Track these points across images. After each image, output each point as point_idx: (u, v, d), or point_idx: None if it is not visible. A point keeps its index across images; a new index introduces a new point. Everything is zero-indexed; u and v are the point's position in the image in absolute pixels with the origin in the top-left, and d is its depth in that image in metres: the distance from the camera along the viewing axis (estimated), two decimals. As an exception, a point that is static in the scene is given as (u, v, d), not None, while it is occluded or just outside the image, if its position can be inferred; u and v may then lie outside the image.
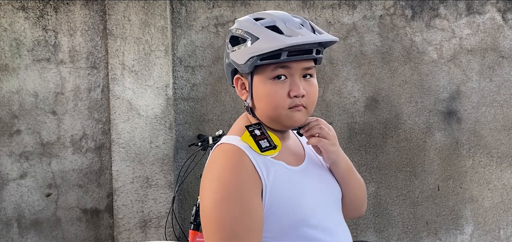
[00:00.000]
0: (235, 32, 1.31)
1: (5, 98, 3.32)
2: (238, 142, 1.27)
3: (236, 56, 1.29)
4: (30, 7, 3.32)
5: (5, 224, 3.34)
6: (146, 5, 3.24)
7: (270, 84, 1.26)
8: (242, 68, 1.28)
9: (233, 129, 1.36)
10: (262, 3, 3.37)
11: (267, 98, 1.26)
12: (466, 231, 3.41)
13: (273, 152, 1.28)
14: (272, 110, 1.27)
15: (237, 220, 1.19)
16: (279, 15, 1.30)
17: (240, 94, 1.34)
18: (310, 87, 1.29)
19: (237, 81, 1.34)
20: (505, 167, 3.41)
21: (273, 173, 1.25)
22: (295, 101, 1.26)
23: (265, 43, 1.23)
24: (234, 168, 1.22)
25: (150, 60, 3.24)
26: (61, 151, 3.33)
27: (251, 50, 1.25)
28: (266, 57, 1.24)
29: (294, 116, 1.28)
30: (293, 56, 1.24)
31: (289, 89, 1.26)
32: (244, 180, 1.21)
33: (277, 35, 1.24)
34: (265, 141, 1.28)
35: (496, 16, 3.41)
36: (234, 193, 1.20)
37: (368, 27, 3.39)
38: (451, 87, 3.40)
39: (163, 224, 3.20)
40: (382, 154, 3.40)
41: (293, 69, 1.26)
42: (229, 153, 1.25)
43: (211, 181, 1.23)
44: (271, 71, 1.25)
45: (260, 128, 1.31)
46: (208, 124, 3.36)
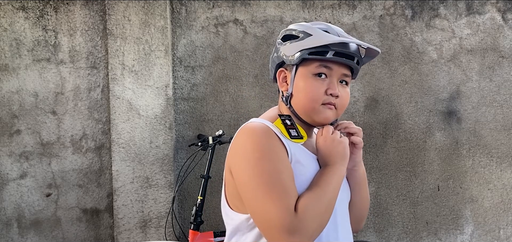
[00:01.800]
0: (289, 32, 1.46)
1: (5, 98, 3.32)
2: (267, 123, 1.39)
3: (287, 49, 1.43)
4: (30, 7, 3.32)
5: (5, 224, 3.34)
6: (146, 5, 3.24)
7: (312, 79, 1.39)
8: (290, 60, 1.41)
9: (264, 115, 1.48)
10: (262, 3, 3.37)
11: (306, 90, 1.39)
12: (466, 231, 3.41)
13: (301, 141, 1.40)
14: (309, 102, 1.40)
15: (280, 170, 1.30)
16: (332, 26, 1.46)
17: (281, 86, 1.47)
18: (344, 92, 1.43)
19: (280, 73, 1.47)
20: (505, 167, 3.41)
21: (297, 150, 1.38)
22: (330, 99, 1.39)
23: (316, 39, 1.38)
24: (264, 136, 1.34)
25: (150, 60, 3.24)
26: (61, 151, 3.33)
27: (302, 44, 1.39)
28: (314, 53, 1.38)
29: (325, 113, 1.40)
30: (337, 56, 1.38)
31: (327, 87, 1.39)
32: (276, 145, 1.33)
33: (328, 34, 1.40)
34: (294, 131, 1.40)
35: (496, 16, 3.41)
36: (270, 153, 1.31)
37: (368, 27, 3.39)
38: (451, 87, 3.40)
39: (163, 224, 3.20)
40: (382, 154, 3.40)
41: (334, 71, 1.40)
42: (258, 127, 1.36)
43: (244, 146, 1.34)
44: (315, 67, 1.39)
45: (291, 119, 1.42)
46: (208, 124, 3.36)
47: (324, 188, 1.33)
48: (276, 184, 1.28)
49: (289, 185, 1.29)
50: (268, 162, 1.30)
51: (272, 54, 1.51)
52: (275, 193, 1.27)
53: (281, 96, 1.48)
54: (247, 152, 1.33)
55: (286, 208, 1.26)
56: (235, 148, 1.37)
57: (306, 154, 1.41)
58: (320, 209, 1.30)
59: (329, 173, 1.38)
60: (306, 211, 1.27)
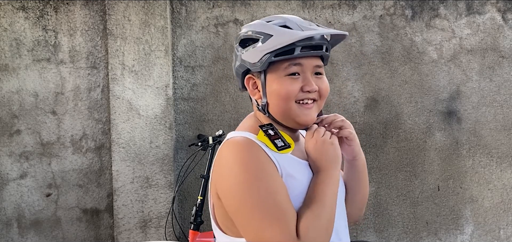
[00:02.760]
0: (245, 35, 1.35)
1: (5, 98, 3.32)
2: (250, 136, 1.29)
3: (249, 55, 1.32)
4: (30, 7, 3.32)
5: (5, 224, 3.34)
6: (146, 5, 3.24)
7: (285, 80, 1.30)
8: (255, 67, 1.31)
9: (241, 126, 1.38)
10: (262, 3, 3.37)
11: (280, 92, 1.30)
12: (466, 231, 3.41)
13: (289, 150, 1.31)
14: (285, 103, 1.30)
15: (274, 191, 1.21)
16: (289, 16, 1.35)
17: (252, 94, 1.37)
18: (321, 83, 1.33)
19: (249, 81, 1.37)
20: (505, 167, 3.41)
21: (286, 162, 1.29)
22: (307, 95, 1.30)
23: (279, 38, 1.28)
24: (251, 152, 1.24)
25: (150, 60, 3.24)
26: (61, 151, 3.33)
27: (264, 47, 1.29)
28: (280, 53, 1.28)
29: (306, 114, 1.32)
30: (306, 51, 1.29)
31: (302, 84, 1.30)
32: (264, 162, 1.24)
33: (290, 30, 1.29)
34: (280, 141, 1.31)
35: (496, 16, 3.41)
36: (261, 172, 1.22)
37: (368, 27, 3.39)
38: (451, 87, 3.40)
39: (163, 224, 3.20)
40: (382, 154, 3.40)
41: (305, 66, 1.31)
42: (242, 142, 1.26)
43: (231, 168, 1.24)
44: (285, 68, 1.30)
45: (273, 128, 1.33)
46: (208, 124, 3.36)
47: (323, 201, 1.25)
48: (273, 208, 1.19)
49: (286, 207, 1.21)
50: (260, 184, 1.21)
51: (234, 63, 1.39)
52: (273, 218, 1.18)
53: (256, 106, 1.38)
54: (235, 175, 1.22)
55: (288, 235, 1.18)
56: (220, 169, 1.27)
57: (296, 162, 1.32)
58: (323, 226, 1.22)
59: (324, 182, 1.29)
60: (309, 233, 1.19)
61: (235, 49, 1.39)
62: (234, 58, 1.39)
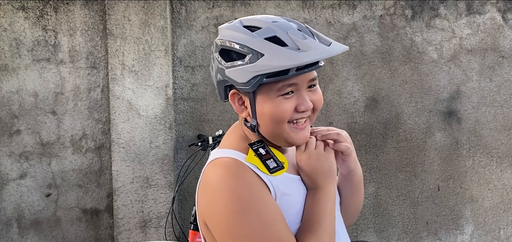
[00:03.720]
0: (228, 44, 1.18)
1: (5, 98, 3.32)
2: (238, 156, 1.20)
3: (235, 74, 1.16)
4: (30, 7, 3.32)
5: (5, 224, 3.34)
6: (146, 5, 3.24)
7: (277, 102, 1.16)
8: (243, 88, 1.17)
9: (226, 142, 1.27)
10: (262, 3, 3.37)
11: (273, 115, 1.17)
12: (466, 231, 3.41)
13: (282, 171, 1.21)
14: (276, 125, 1.19)
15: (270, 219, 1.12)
16: (276, 23, 1.17)
17: (239, 111, 1.22)
18: (315, 95, 1.22)
19: (234, 97, 1.22)
20: (505, 167, 3.41)
21: (280, 181, 1.21)
22: (301, 115, 1.20)
23: (273, 60, 1.12)
24: (240, 177, 1.14)
25: (150, 60, 3.24)
26: (61, 151, 3.33)
27: (255, 68, 1.12)
28: (273, 74, 1.13)
29: (299, 135, 1.21)
30: (301, 71, 1.15)
31: (296, 104, 1.18)
32: (254, 185, 1.14)
33: (285, 50, 1.13)
34: (272, 161, 1.20)
35: (496, 16, 3.41)
36: (252, 200, 1.12)
37: (368, 27, 3.39)
38: (451, 87, 3.40)
39: (163, 224, 3.20)
40: (382, 154, 3.40)
41: (300, 84, 1.18)
42: (229, 165, 1.16)
43: (219, 195, 1.14)
44: (278, 89, 1.16)
45: (264, 146, 1.22)
46: (208, 124, 3.36)
47: (322, 222, 1.17)
48: (269, 238, 1.10)
49: (284, 234, 1.12)
50: (253, 212, 1.11)
51: (214, 73, 1.23)
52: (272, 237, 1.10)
53: (244, 123, 1.25)
54: (224, 204, 1.12)
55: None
56: (207, 196, 1.17)
57: (290, 180, 1.23)
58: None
59: (322, 200, 1.20)
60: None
61: (213, 56, 1.22)
62: (213, 66, 1.23)
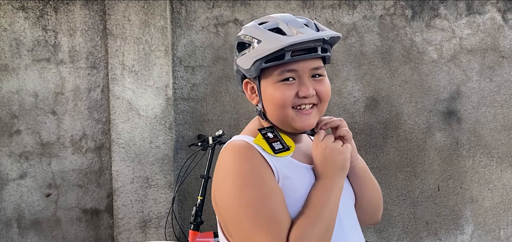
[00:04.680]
0: (242, 38, 1.32)
1: (5, 98, 3.32)
2: (249, 140, 1.28)
3: (242, 61, 1.29)
4: (30, 7, 3.32)
5: (5, 224, 3.34)
6: (146, 5, 3.24)
7: (278, 87, 1.25)
8: (248, 73, 1.29)
9: (244, 131, 1.37)
10: (262, 3, 3.37)
11: (274, 99, 1.26)
12: (466, 231, 3.41)
13: (287, 153, 1.28)
14: (279, 110, 1.26)
15: (266, 195, 1.19)
16: (283, 17, 1.29)
17: (251, 98, 1.34)
18: (321, 85, 1.28)
19: (247, 85, 1.34)
20: (505, 167, 3.41)
21: (285, 165, 1.26)
22: (303, 101, 1.26)
23: (267, 44, 1.23)
24: (247, 157, 1.22)
25: (150, 60, 3.24)
26: (61, 151, 3.33)
27: (254, 53, 1.25)
28: (271, 59, 1.24)
29: (303, 120, 1.27)
30: (297, 55, 1.24)
31: (297, 90, 1.25)
32: (258, 166, 1.22)
33: (279, 35, 1.24)
34: (278, 143, 1.28)
35: (496, 16, 3.41)
36: (253, 177, 1.20)
37: (368, 27, 3.39)
38: (451, 87, 3.40)
39: (163, 224, 3.20)
40: (382, 154, 3.40)
41: (301, 70, 1.25)
42: (239, 147, 1.25)
43: (226, 173, 1.23)
44: (278, 74, 1.25)
45: (273, 130, 1.31)
46: (208, 124, 3.36)
47: (321, 210, 1.20)
48: (264, 214, 1.17)
49: (278, 212, 1.18)
50: (252, 189, 1.19)
51: (233, 66, 1.37)
52: (264, 224, 1.16)
53: (256, 110, 1.35)
54: (228, 180, 1.21)
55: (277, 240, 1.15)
56: (216, 175, 1.27)
57: (296, 166, 1.29)
58: (318, 235, 1.17)
59: (325, 190, 1.24)
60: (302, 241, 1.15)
61: (234, 52, 1.36)
62: (233, 61, 1.37)
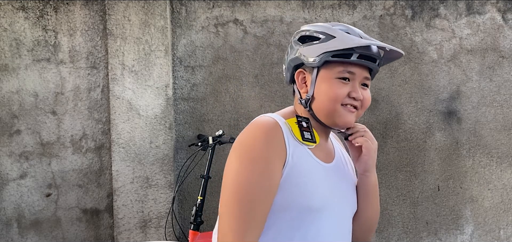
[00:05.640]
0: (305, 33, 1.42)
1: (5, 98, 3.32)
2: (278, 119, 1.36)
3: (307, 50, 1.38)
4: (30, 7, 3.32)
5: (5, 224, 3.34)
6: (146, 5, 3.24)
7: (335, 82, 1.36)
8: (311, 62, 1.37)
9: (280, 111, 1.44)
10: (262, 3, 3.37)
11: (329, 92, 1.36)
12: (466, 231, 3.41)
13: (312, 144, 1.37)
14: (331, 103, 1.36)
15: (256, 182, 1.27)
16: (352, 27, 1.42)
17: (300, 87, 1.42)
18: (366, 94, 1.41)
19: (299, 75, 1.42)
20: (505, 167, 3.41)
21: (299, 154, 1.33)
22: (352, 101, 1.37)
23: (341, 41, 1.35)
24: (264, 134, 1.30)
25: (150, 60, 3.24)
26: (61, 151, 3.33)
27: (325, 46, 1.35)
28: (338, 55, 1.35)
29: (346, 116, 1.38)
30: (362, 59, 1.36)
31: (350, 90, 1.37)
32: (271, 145, 1.29)
33: (351, 36, 1.37)
34: (309, 134, 1.38)
35: (496, 16, 3.41)
36: (259, 157, 1.28)
37: (368, 27, 3.39)
38: (451, 87, 3.40)
39: (163, 224, 3.20)
40: (382, 154, 3.40)
41: (357, 75, 1.38)
42: (264, 122, 1.33)
43: (241, 143, 1.32)
44: (339, 72, 1.36)
45: (308, 122, 1.41)
46: (208, 124, 3.36)
47: None
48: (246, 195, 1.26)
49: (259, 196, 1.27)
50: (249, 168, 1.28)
51: (288, 55, 1.46)
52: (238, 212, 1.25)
53: (299, 98, 1.44)
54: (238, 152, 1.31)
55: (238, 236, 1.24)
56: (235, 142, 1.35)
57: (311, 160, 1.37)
58: None
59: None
60: None
61: (291, 43, 1.45)
62: (289, 51, 1.45)
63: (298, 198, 1.31)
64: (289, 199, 1.30)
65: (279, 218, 1.31)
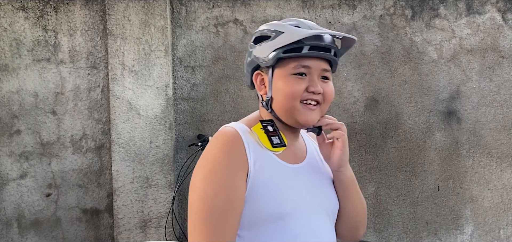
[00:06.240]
0: (260, 32, 1.39)
1: (5, 98, 3.32)
2: (240, 127, 1.33)
3: (260, 51, 1.36)
4: (30, 7, 3.32)
5: (5, 224, 3.34)
6: (146, 5, 3.24)
7: (291, 79, 1.32)
8: (264, 62, 1.34)
9: (244, 119, 1.42)
10: (262, 3, 3.37)
11: (286, 89, 1.31)
12: (466, 231, 3.41)
13: (283, 148, 1.34)
14: (289, 101, 1.32)
15: (217, 193, 1.23)
16: (304, 20, 1.38)
17: (259, 89, 1.40)
18: (327, 87, 1.35)
19: (257, 76, 1.40)
20: (505, 167, 3.41)
21: (261, 162, 1.29)
22: (311, 96, 1.32)
23: (289, 35, 1.31)
24: (224, 147, 1.28)
25: (150, 60, 3.24)
26: (61, 151, 3.33)
27: (275, 43, 1.32)
28: (289, 50, 1.31)
29: (307, 114, 1.33)
30: (314, 51, 1.31)
31: (307, 85, 1.32)
32: (232, 157, 1.26)
33: (300, 29, 1.33)
34: (277, 138, 1.33)
35: (496, 16, 3.41)
36: (219, 168, 1.25)
37: (368, 27, 3.39)
38: (451, 87, 3.40)
39: (163, 224, 3.20)
40: (382, 154, 3.40)
41: (313, 68, 1.33)
42: (224, 134, 1.31)
43: (202, 157, 1.30)
44: (293, 68, 1.32)
45: (273, 125, 1.36)
46: (208, 124, 3.36)
47: None
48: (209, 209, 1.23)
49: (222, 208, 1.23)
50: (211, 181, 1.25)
51: (246, 59, 1.43)
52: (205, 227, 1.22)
53: (261, 101, 1.40)
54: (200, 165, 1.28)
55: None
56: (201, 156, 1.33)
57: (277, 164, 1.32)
58: None
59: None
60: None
61: (248, 46, 1.42)
62: (247, 55, 1.43)
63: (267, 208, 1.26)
64: (258, 210, 1.26)
65: (253, 231, 1.26)
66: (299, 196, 1.31)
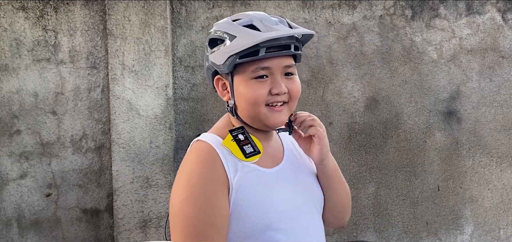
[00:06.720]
0: (213, 34, 1.31)
1: (5, 98, 3.32)
2: (214, 142, 1.27)
3: (215, 57, 1.28)
4: (30, 7, 3.32)
5: (5, 224, 3.34)
6: (146, 5, 3.24)
7: (252, 83, 1.25)
8: (221, 69, 1.28)
9: (214, 128, 1.36)
10: (262, 3, 3.37)
11: (248, 95, 1.25)
12: (466, 231, 3.41)
13: (257, 157, 1.27)
14: (252, 107, 1.26)
15: (200, 217, 1.18)
16: (256, 15, 1.29)
17: (222, 95, 1.33)
18: (292, 84, 1.29)
19: (218, 82, 1.33)
20: (505, 167, 3.41)
21: (241, 175, 1.24)
22: (276, 98, 1.26)
23: (242, 40, 1.23)
24: (202, 166, 1.22)
25: (150, 60, 3.24)
26: (61, 151, 3.33)
27: (229, 48, 1.24)
28: (245, 55, 1.23)
29: (274, 117, 1.27)
30: (271, 52, 1.24)
31: (270, 87, 1.25)
32: (211, 178, 1.21)
33: (253, 31, 1.24)
34: (249, 146, 1.27)
35: (496, 16, 3.41)
36: (199, 191, 1.20)
37: (368, 27, 3.39)
38: (451, 87, 3.40)
39: (163, 224, 3.20)
40: (382, 154, 3.40)
41: (274, 68, 1.26)
42: (201, 151, 1.25)
43: (180, 178, 1.24)
44: (252, 71, 1.25)
45: (244, 132, 1.30)
46: (208, 124, 3.36)
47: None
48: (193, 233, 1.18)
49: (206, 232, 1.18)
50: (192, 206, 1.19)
51: (204, 63, 1.36)
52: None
53: (226, 107, 1.34)
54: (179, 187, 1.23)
55: None
56: (177, 174, 1.27)
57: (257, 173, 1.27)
58: None
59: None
60: None
61: (205, 49, 1.35)
62: (204, 59, 1.35)
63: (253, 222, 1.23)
64: (245, 225, 1.23)
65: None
66: (283, 200, 1.27)
